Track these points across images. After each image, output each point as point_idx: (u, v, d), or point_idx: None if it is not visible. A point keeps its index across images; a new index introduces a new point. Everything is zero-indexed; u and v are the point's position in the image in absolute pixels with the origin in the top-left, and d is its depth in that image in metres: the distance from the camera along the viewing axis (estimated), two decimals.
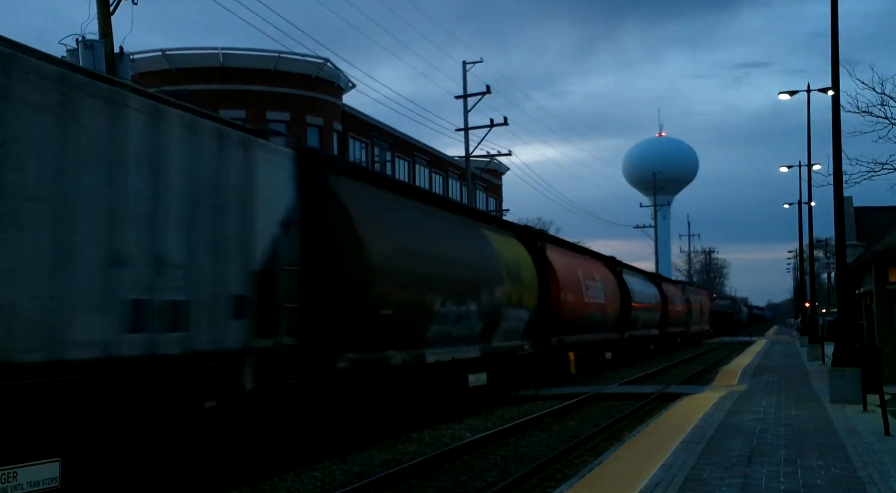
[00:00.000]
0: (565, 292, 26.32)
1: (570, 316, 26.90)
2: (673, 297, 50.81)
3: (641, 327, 40.11)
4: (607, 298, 32.62)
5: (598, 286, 31.26)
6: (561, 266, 26.69)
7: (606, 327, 32.69)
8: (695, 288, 71.51)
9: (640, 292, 39.69)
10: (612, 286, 34.20)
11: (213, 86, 35.97)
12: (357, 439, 14.34)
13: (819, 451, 11.85)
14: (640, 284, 41.64)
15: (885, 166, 21.10)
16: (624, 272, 38.20)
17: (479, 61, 40.20)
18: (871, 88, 20.84)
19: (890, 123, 20.78)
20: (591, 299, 29.78)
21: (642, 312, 39.88)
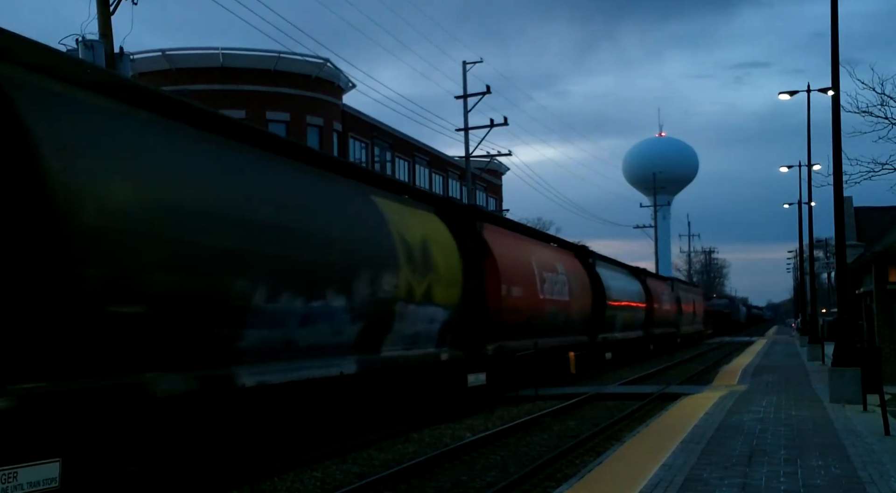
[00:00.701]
0: (509, 285, 20.84)
1: (516, 317, 21.30)
2: (660, 295, 45.85)
3: (620, 328, 35.09)
4: (574, 294, 27.24)
5: (560, 280, 25.88)
6: (505, 253, 20.95)
7: (572, 329, 27.31)
8: (686, 285, 65.58)
9: (619, 289, 34.73)
10: (582, 281, 29.07)
11: (213, 86, 36.00)
12: (357, 439, 14.33)
13: (819, 451, 11.85)
14: (619, 279, 36.37)
15: (885, 166, 21.12)
16: (598, 265, 32.87)
17: (479, 61, 40.21)
18: (871, 88, 20.87)
19: (890, 123, 20.80)
20: (549, 295, 24.32)
21: (621, 311, 34.71)
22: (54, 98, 8.81)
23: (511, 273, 21.00)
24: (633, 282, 39.89)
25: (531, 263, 23.44)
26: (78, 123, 8.92)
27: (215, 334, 10.57)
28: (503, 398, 21.25)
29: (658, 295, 44.74)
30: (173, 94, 11.74)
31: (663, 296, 47.18)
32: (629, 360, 36.85)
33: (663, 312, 46.28)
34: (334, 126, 40.29)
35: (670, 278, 56.03)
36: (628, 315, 36.70)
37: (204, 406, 10.42)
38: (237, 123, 12.29)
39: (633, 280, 40.22)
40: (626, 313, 36.01)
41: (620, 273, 37.96)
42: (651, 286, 43.28)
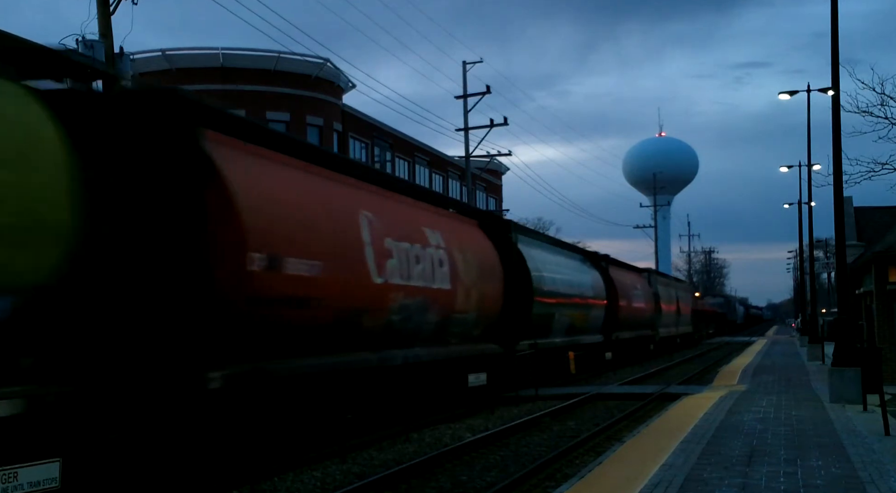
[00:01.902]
0: (258, 256, 10.94)
1: (279, 318, 11.63)
2: (629, 289, 36.55)
3: (561, 331, 26.11)
4: (463, 282, 17.67)
5: (433, 257, 16.45)
6: (266, 214, 11.39)
7: (459, 334, 18.12)
8: (668, 279, 55.15)
9: (560, 280, 25.82)
10: (486, 265, 19.43)
11: (213, 86, 35.97)
12: (357, 439, 14.34)
13: (819, 451, 11.85)
14: (561, 265, 27.34)
15: (885, 166, 21.16)
16: (523, 242, 23.37)
17: (479, 61, 40.23)
18: (871, 88, 20.91)
19: (890, 123, 20.84)
20: (403, 279, 15.16)
21: (563, 309, 25.74)
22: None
23: (268, 241, 11.19)
24: (586, 271, 30.95)
25: (359, 233, 13.84)
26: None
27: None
28: (503, 398, 21.26)
29: (626, 290, 35.77)
30: None
31: (635, 291, 37.88)
32: (588, 368, 29.81)
33: (634, 311, 37.02)
34: (334, 126, 40.29)
35: (647, 269, 45.37)
36: (576, 315, 27.63)
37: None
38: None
39: (587, 268, 31.50)
40: (572, 311, 26.90)
41: (563, 257, 28.70)
42: (617, 278, 34.59)
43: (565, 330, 26.55)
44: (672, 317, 49.07)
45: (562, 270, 26.83)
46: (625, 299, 34.81)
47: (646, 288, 41.50)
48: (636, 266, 44.76)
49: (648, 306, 40.88)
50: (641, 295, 39.22)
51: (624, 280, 36.13)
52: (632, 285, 37.58)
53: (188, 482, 10.50)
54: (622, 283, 35.35)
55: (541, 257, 24.78)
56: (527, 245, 23.80)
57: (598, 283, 31.60)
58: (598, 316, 31.06)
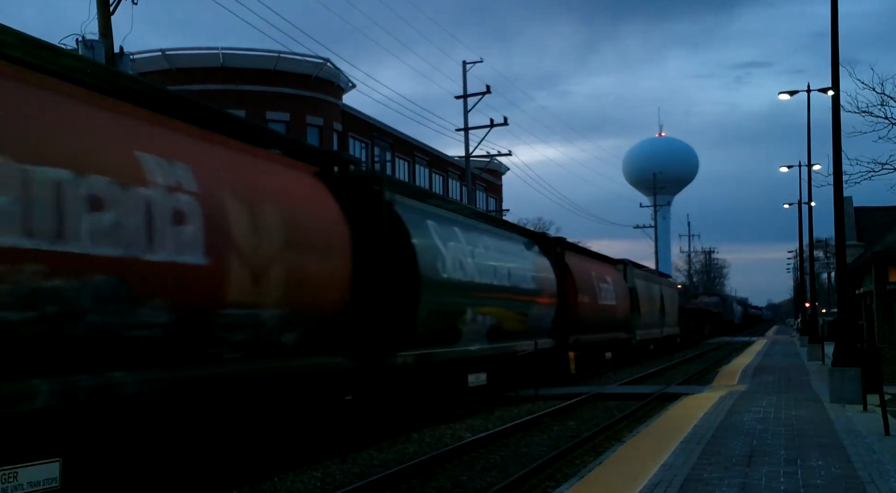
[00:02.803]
0: None
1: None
2: (594, 283, 29.89)
3: (479, 336, 18.93)
4: (244, 254, 10.66)
5: (157, 206, 9.20)
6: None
7: (244, 344, 10.82)
8: (649, 273, 46.18)
9: (476, 265, 18.73)
10: (312, 231, 12.57)
11: (213, 86, 36.01)
12: (357, 439, 14.34)
13: (819, 451, 11.85)
14: (484, 246, 19.84)
15: (885, 166, 21.18)
16: (407, 208, 16.46)
17: (480, 61, 40.23)
18: (871, 88, 20.94)
19: (890, 123, 20.86)
20: (40, 242, 7.64)
21: (481, 305, 18.93)
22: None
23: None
24: (527, 256, 23.31)
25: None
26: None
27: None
28: (503, 398, 21.27)
29: (590, 283, 29.19)
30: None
31: (603, 285, 31.20)
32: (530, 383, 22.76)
33: (601, 309, 30.57)
34: (334, 126, 40.29)
35: (622, 260, 38.67)
36: (504, 314, 20.29)
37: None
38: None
39: (531, 253, 23.89)
40: (494, 308, 19.63)
41: (486, 235, 20.71)
42: (576, 269, 27.98)
43: (486, 334, 19.15)
44: (654, 317, 42.30)
45: (481, 252, 19.24)
46: (587, 294, 28.44)
47: (619, 282, 34.80)
48: (607, 256, 38.28)
49: (622, 304, 34.30)
50: (612, 291, 32.55)
51: (586, 271, 29.57)
52: (599, 278, 30.90)
53: (188, 482, 10.50)
54: (584, 274, 28.71)
55: (442, 231, 17.40)
56: (414, 212, 16.57)
57: (547, 273, 24.26)
58: (545, 315, 23.66)
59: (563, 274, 26.47)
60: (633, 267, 39.82)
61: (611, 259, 38.10)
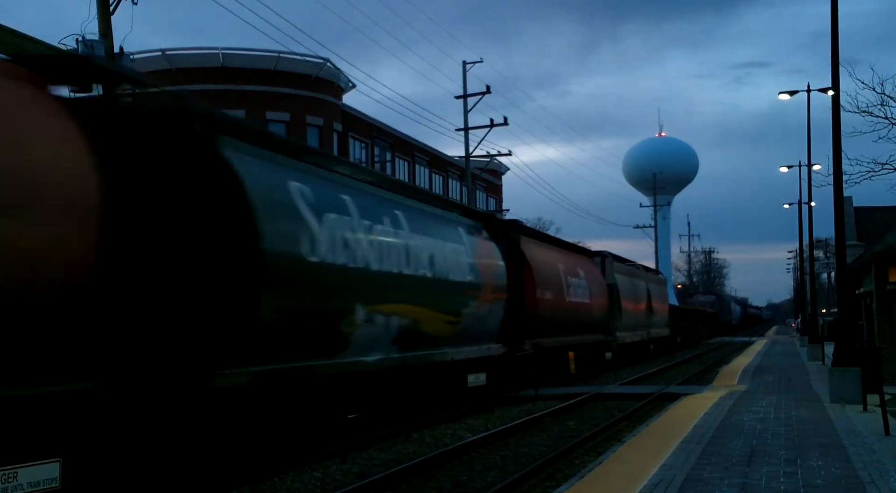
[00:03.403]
0: None
1: None
2: (560, 276, 25.41)
3: (382, 344, 14.41)
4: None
5: None
6: None
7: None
8: (634, 269, 40.97)
9: (369, 245, 13.83)
10: (32, 198, 8.00)
11: (213, 86, 35.99)
12: (357, 439, 14.34)
13: (819, 451, 11.85)
14: (388, 226, 14.90)
15: (885, 166, 21.19)
16: (246, 160, 11.21)
17: (479, 61, 40.24)
18: (871, 88, 20.96)
19: (890, 123, 20.87)
20: None
21: (389, 298, 14.55)
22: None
23: None
24: (462, 239, 18.54)
25: None
26: None
27: None
28: (503, 398, 21.26)
29: (553, 277, 24.72)
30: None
31: (572, 280, 26.70)
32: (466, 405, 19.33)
33: (569, 308, 26.08)
34: (334, 126, 40.29)
35: (601, 252, 34.40)
36: (423, 315, 15.89)
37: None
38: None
39: (471, 237, 19.20)
40: (405, 306, 15.13)
41: (389, 206, 15.57)
42: (535, 259, 23.37)
43: (395, 339, 14.67)
44: (639, 317, 38.11)
45: (387, 230, 14.52)
46: (550, 289, 24.09)
47: (595, 278, 30.56)
48: (582, 247, 35.39)
49: (599, 302, 30.11)
50: (586, 286, 28.45)
51: (550, 263, 25.11)
52: (568, 272, 26.53)
53: (188, 482, 10.50)
54: (546, 266, 24.34)
55: (317, 197, 12.56)
56: (262, 165, 11.73)
57: (493, 262, 19.74)
58: (489, 315, 19.15)
59: (519, 265, 22.11)
60: (614, 261, 35.17)
61: (587, 251, 34.80)
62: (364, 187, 15.00)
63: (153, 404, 9.60)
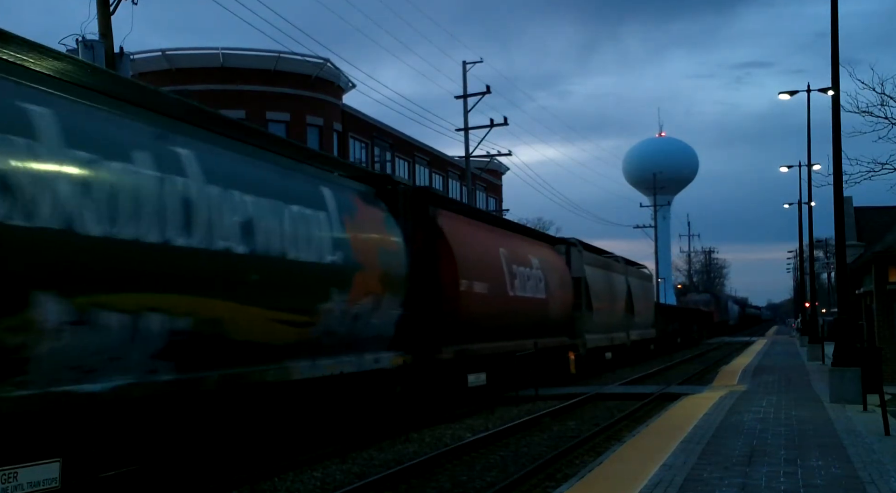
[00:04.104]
0: None
1: None
2: (490, 263, 19.96)
3: (121, 359, 8.88)
4: None
5: None
6: None
7: None
8: (608, 259, 34.95)
9: (79, 207, 8.36)
10: None
11: (213, 86, 36.01)
12: (357, 439, 14.34)
13: (819, 451, 11.85)
14: (152, 172, 9.48)
15: (885, 166, 21.18)
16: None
17: (479, 61, 40.23)
18: (871, 88, 20.95)
19: (890, 123, 20.86)
20: None
21: (139, 284, 9.12)
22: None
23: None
24: (320, 206, 13.25)
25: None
26: None
27: None
28: (503, 398, 21.25)
29: (482, 263, 19.31)
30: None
31: (517, 270, 21.42)
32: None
33: (512, 304, 20.77)
34: (334, 126, 40.30)
35: (566, 240, 29.28)
36: (230, 311, 10.61)
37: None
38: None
39: (333, 200, 13.77)
40: (186, 294, 9.86)
41: (157, 142, 10.02)
42: (459, 239, 18.24)
43: (159, 354, 9.54)
44: (616, 316, 33.09)
45: (122, 169, 9.20)
46: (482, 280, 18.79)
47: (556, 269, 25.31)
48: (540, 232, 31.36)
49: (560, 299, 24.95)
50: (541, 279, 23.22)
51: (483, 246, 19.86)
52: (512, 259, 21.29)
53: (188, 482, 10.50)
54: (476, 251, 18.99)
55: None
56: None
57: (380, 238, 14.98)
58: (371, 314, 14.29)
59: (435, 247, 17.27)
60: (584, 250, 29.67)
61: (548, 237, 29.94)
62: (101, 104, 9.61)
63: None
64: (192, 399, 10.21)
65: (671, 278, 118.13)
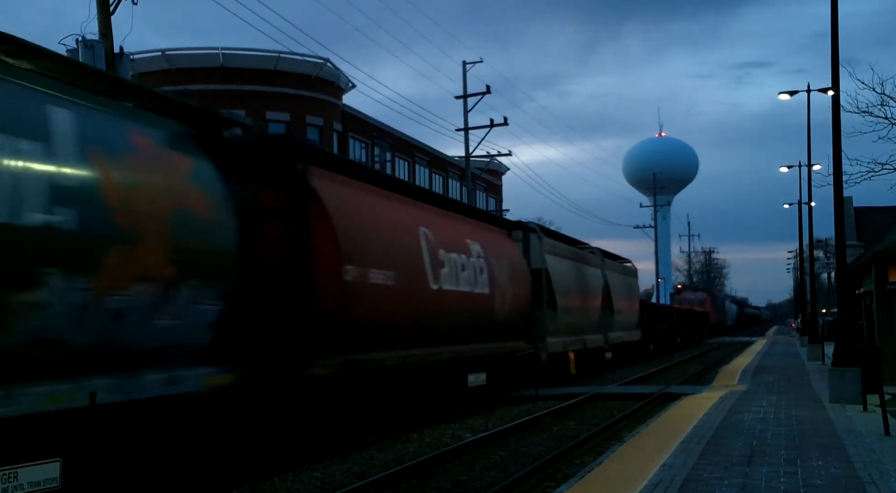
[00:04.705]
0: None
1: None
2: (403, 245, 15.63)
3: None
4: None
5: None
6: None
7: None
8: (580, 250, 30.58)
9: None
10: None
11: (213, 86, 35.99)
12: (357, 439, 14.34)
13: (819, 451, 11.85)
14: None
15: (885, 166, 21.18)
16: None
17: (479, 61, 40.23)
18: (871, 88, 20.95)
19: (890, 123, 20.86)
20: None
21: None
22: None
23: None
24: (23, 133, 8.26)
25: None
26: None
27: None
28: (503, 398, 21.25)
29: (384, 245, 14.78)
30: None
31: (450, 256, 17.52)
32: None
33: (436, 301, 16.72)
34: (334, 126, 40.30)
35: (524, 224, 24.99)
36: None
37: None
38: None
39: (67, 133, 8.81)
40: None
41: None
42: (341, 208, 13.52)
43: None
44: (588, 317, 28.67)
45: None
46: (381, 266, 14.42)
47: (508, 258, 21.19)
48: (491, 214, 27.76)
49: (514, 294, 20.80)
50: (483, 269, 19.06)
51: (389, 219, 15.60)
52: (440, 243, 17.05)
53: (188, 482, 10.50)
54: (369, 225, 14.53)
55: None
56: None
57: (185, 198, 10.50)
58: (151, 312, 9.70)
59: (305, 218, 12.98)
60: (548, 238, 25.64)
61: (501, 220, 25.52)
62: None
63: None
64: None
65: (671, 278, 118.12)
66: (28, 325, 8.11)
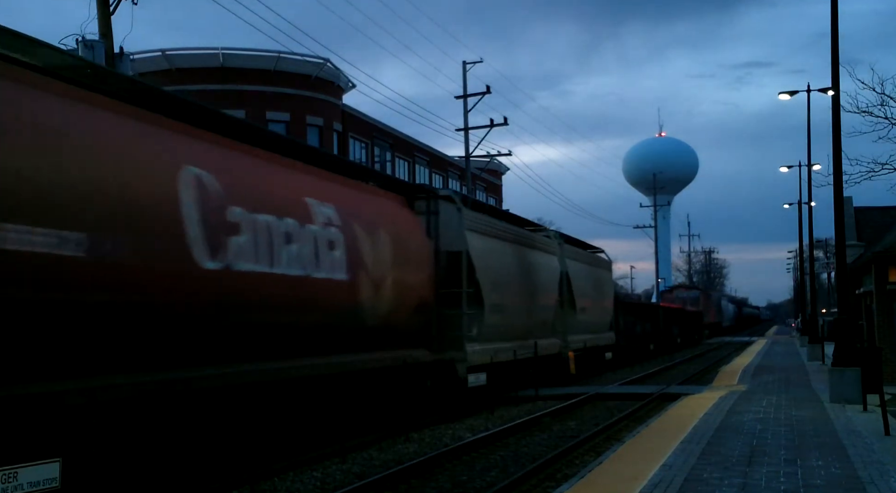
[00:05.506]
0: None
1: None
2: (172, 203, 9.99)
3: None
4: None
5: None
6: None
7: None
8: (530, 231, 25.74)
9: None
10: None
11: (213, 86, 35.98)
12: (357, 439, 14.34)
13: (819, 451, 11.85)
14: None
15: (885, 166, 21.20)
16: None
17: (479, 61, 40.20)
18: (871, 88, 20.97)
19: (890, 123, 20.87)
20: None
21: None
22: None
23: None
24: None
25: None
26: None
27: None
28: (503, 398, 21.25)
29: (79, 191, 8.69)
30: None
31: (247, 216, 11.36)
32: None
33: (210, 288, 10.56)
34: (334, 126, 40.29)
35: (427, 188, 20.13)
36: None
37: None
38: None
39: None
40: None
41: None
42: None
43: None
44: (536, 317, 23.51)
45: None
46: (61, 224, 8.46)
47: (393, 231, 16.13)
48: (378, 172, 23.80)
49: (399, 285, 15.86)
50: (334, 243, 13.71)
51: (102, 145, 9.46)
52: (225, 196, 11.13)
53: (188, 482, 10.50)
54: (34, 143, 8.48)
55: None
56: None
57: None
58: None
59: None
60: (471, 211, 19.86)
61: (398, 183, 19.43)
62: None
63: None
64: None
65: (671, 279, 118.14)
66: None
